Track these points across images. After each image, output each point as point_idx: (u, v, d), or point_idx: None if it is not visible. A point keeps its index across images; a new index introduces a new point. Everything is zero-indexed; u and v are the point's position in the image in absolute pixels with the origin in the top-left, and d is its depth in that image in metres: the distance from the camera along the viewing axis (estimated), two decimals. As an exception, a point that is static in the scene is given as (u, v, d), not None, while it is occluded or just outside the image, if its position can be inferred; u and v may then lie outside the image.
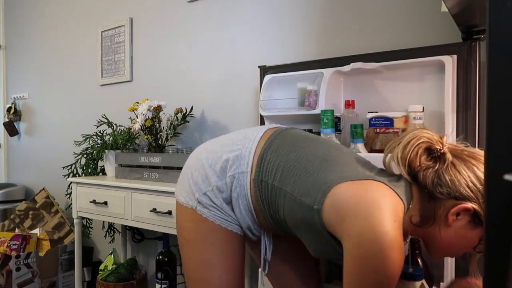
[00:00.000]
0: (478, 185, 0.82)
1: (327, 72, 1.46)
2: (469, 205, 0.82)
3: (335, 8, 1.68)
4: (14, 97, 3.32)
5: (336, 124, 1.40)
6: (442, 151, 0.86)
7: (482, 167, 0.82)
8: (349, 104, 1.42)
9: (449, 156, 0.85)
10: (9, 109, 3.26)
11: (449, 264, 1.23)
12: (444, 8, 1.14)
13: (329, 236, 0.87)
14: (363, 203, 0.82)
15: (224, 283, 1.01)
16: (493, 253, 0.42)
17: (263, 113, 1.61)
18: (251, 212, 1.00)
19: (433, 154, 0.86)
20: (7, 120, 3.26)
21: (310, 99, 1.48)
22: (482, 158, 0.84)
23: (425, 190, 0.86)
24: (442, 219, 0.85)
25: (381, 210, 0.80)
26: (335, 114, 1.39)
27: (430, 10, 1.44)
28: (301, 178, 0.90)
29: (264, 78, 1.63)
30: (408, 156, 0.86)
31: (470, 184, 0.82)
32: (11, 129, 3.26)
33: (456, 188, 0.83)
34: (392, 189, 0.86)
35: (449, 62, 1.25)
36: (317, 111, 1.43)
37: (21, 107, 3.29)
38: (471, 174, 0.83)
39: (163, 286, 1.96)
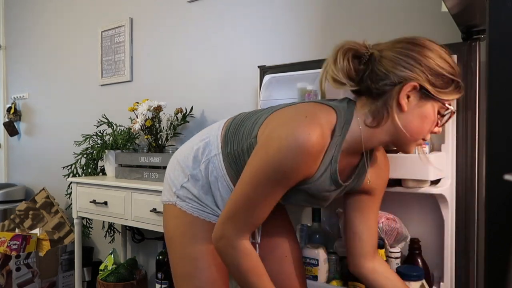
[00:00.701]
0: (413, 62, 0.84)
1: (327, 72, 1.46)
2: (412, 83, 0.84)
3: (334, 8, 1.68)
4: (14, 97, 3.32)
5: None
6: (369, 52, 0.90)
7: (410, 45, 0.86)
8: (349, 104, 1.42)
9: (376, 53, 0.89)
10: (9, 109, 3.26)
11: (449, 264, 1.23)
12: (444, 8, 1.14)
13: None
14: (283, 112, 0.93)
15: (207, 275, 1.02)
16: (493, 253, 0.42)
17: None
18: (232, 191, 1.02)
19: (362, 59, 0.89)
20: (7, 120, 3.26)
21: (310, 99, 1.48)
22: (405, 38, 0.88)
23: (370, 92, 0.89)
24: (395, 108, 0.87)
25: (297, 112, 0.88)
26: (335, 114, 1.39)
27: (430, 10, 1.44)
28: (248, 128, 0.98)
29: (264, 78, 1.63)
30: (343, 68, 0.89)
31: (405, 64, 0.84)
32: (11, 129, 3.26)
33: (394, 73, 0.85)
34: (320, 102, 0.93)
35: (449, 62, 1.25)
36: (317, 111, 1.43)
37: (21, 107, 3.29)
38: (401, 55, 0.85)
39: (163, 286, 1.96)
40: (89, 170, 2.27)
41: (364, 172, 1.00)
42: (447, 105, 0.88)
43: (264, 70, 1.69)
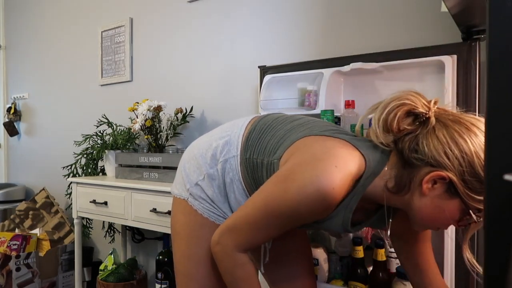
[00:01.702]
0: (457, 152, 0.75)
1: (327, 72, 1.46)
2: (444, 173, 0.76)
3: (335, 8, 1.68)
4: (14, 97, 3.32)
5: (336, 124, 1.40)
6: (427, 115, 0.80)
7: (466, 133, 0.76)
8: (349, 104, 1.42)
9: (432, 120, 0.79)
10: (9, 109, 3.26)
11: (449, 264, 1.23)
12: (444, 8, 1.14)
13: None
14: (314, 146, 0.86)
15: (208, 280, 1.01)
16: (493, 253, 0.42)
17: (263, 113, 1.61)
18: (247, 196, 1.01)
19: (419, 119, 0.81)
20: (7, 120, 3.26)
21: (310, 99, 1.49)
22: (468, 123, 0.78)
23: (402, 155, 0.81)
24: (417, 187, 0.80)
25: (328, 155, 0.81)
26: (335, 114, 1.40)
27: (430, 10, 1.44)
28: (273, 143, 0.94)
29: (264, 78, 1.64)
30: (387, 119, 0.82)
31: (448, 151, 0.76)
32: (11, 129, 3.26)
33: (432, 154, 0.77)
34: (353, 145, 0.85)
35: (449, 62, 1.25)
36: (317, 111, 1.43)
37: (21, 107, 3.29)
38: (450, 140, 0.76)
39: (163, 286, 1.96)
40: (89, 170, 2.27)
41: (383, 221, 0.95)
42: (471, 211, 0.78)
43: (264, 70, 1.69)
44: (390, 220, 0.92)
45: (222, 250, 0.90)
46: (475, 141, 0.76)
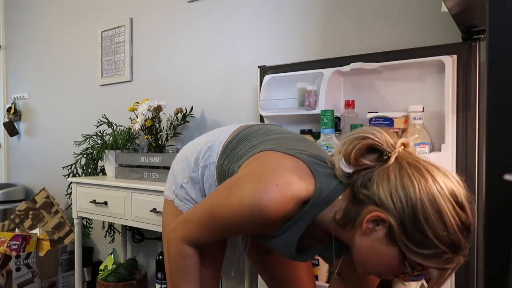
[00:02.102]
0: (402, 195, 0.71)
1: (327, 72, 1.46)
2: (385, 215, 0.72)
3: (335, 8, 1.68)
4: (14, 97, 3.32)
5: (336, 124, 1.40)
6: (389, 154, 0.75)
7: (417, 177, 0.72)
8: (349, 104, 1.42)
9: (391, 160, 0.75)
10: (9, 109, 3.26)
11: (449, 264, 1.23)
12: (444, 8, 1.15)
13: None
14: (269, 161, 0.86)
15: (197, 274, 1.01)
16: (493, 253, 0.42)
17: (263, 113, 1.61)
18: None
19: (383, 156, 0.76)
20: (7, 120, 3.26)
21: (310, 99, 1.49)
22: (423, 168, 0.73)
23: (353, 190, 0.79)
24: (359, 225, 0.77)
25: (274, 172, 0.81)
26: (335, 114, 1.39)
27: (430, 10, 1.44)
28: (242, 153, 0.95)
29: (264, 78, 1.64)
30: (347, 149, 0.78)
31: (394, 192, 0.72)
32: (11, 129, 3.26)
33: (378, 194, 0.73)
34: (309, 169, 0.82)
35: (449, 62, 1.25)
36: (317, 111, 1.43)
37: (21, 107, 3.29)
38: (398, 182, 0.72)
39: (163, 286, 1.96)
40: (89, 170, 2.27)
41: (332, 253, 0.91)
42: (407, 263, 0.73)
43: (264, 70, 1.69)
44: (342, 256, 0.92)
45: (172, 237, 0.93)
46: (424, 187, 0.71)
